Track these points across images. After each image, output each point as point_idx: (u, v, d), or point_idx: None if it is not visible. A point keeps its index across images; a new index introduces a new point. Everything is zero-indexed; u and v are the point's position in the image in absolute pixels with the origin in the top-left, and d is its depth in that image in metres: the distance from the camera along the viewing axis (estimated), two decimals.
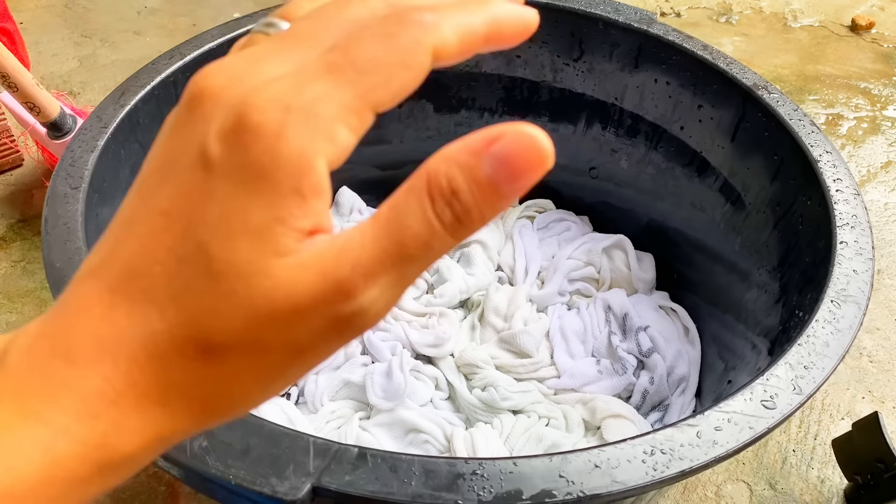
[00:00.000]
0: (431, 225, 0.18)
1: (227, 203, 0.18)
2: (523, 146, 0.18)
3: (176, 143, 0.19)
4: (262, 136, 0.17)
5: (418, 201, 0.18)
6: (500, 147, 0.18)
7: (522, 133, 0.18)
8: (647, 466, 0.38)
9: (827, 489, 0.76)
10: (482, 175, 0.18)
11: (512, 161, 0.18)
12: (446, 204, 0.18)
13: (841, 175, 0.58)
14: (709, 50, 0.71)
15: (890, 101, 1.33)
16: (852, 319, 0.47)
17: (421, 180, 0.18)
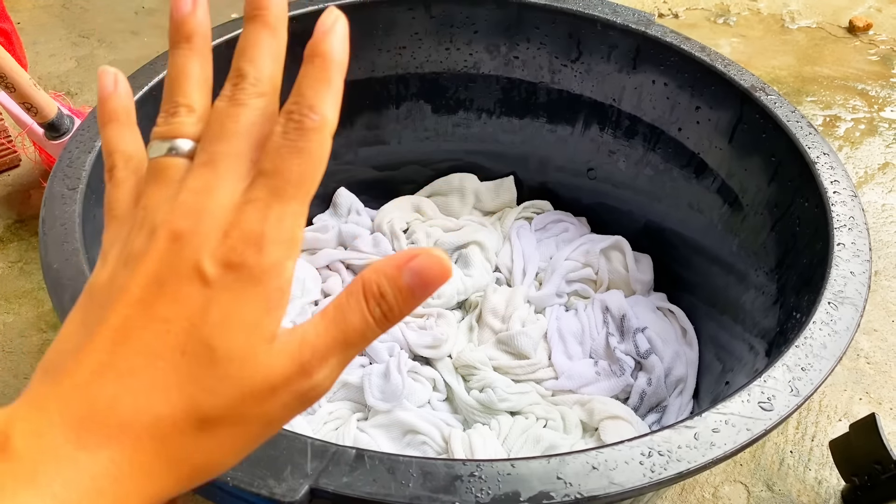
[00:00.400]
0: (366, 320, 0.25)
1: (226, 307, 0.23)
2: (432, 263, 0.25)
3: (162, 267, 0.23)
4: (249, 261, 0.23)
5: (357, 302, 0.25)
6: (416, 263, 0.25)
7: (432, 254, 0.25)
8: (644, 468, 0.38)
9: (824, 490, 0.76)
10: (403, 283, 0.25)
11: (424, 274, 0.25)
12: (377, 304, 0.25)
13: (838, 177, 0.58)
14: (706, 51, 0.71)
15: (887, 102, 1.33)
16: (849, 321, 0.47)
17: (358, 286, 0.25)
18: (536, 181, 0.92)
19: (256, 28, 0.26)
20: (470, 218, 0.91)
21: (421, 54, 0.81)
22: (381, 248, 0.84)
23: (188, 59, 0.27)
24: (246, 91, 0.25)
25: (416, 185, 0.94)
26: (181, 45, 0.27)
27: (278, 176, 0.24)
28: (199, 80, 0.27)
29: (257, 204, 0.24)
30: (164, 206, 0.24)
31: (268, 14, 0.26)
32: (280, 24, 0.27)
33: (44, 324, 0.89)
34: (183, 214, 0.24)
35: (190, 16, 0.27)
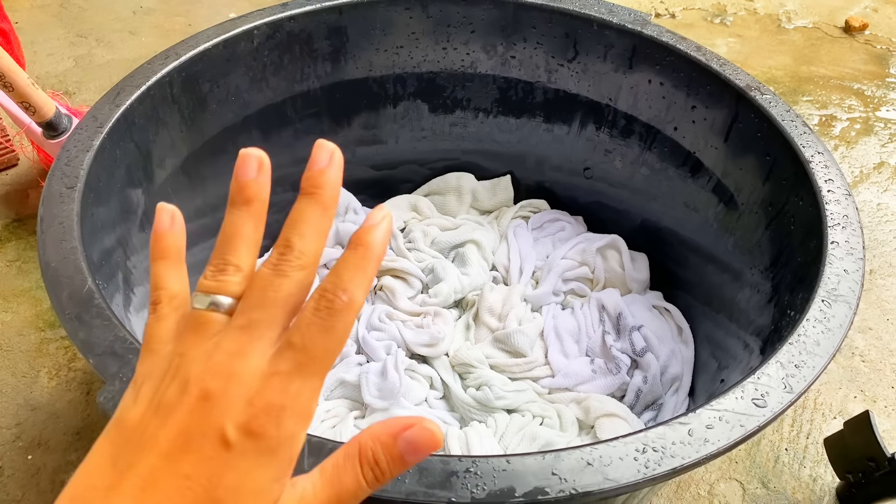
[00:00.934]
0: (359, 482, 0.28)
1: (241, 473, 0.26)
2: (425, 435, 0.27)
3: (190, 424, 0.26)
4: (269, 432, 0.26)
5: (352, 466, 0.28)
6: (410, 434, 0.28)
7: (425, 427, 0.28)
8: (638, 464, 0.38)
9: (819, 488, 0.77)
10: (396, 451, 0.28)
11: (417, 445, 0.28)
12: (370, 469, 0.28)
13: (832, 175, 0.58)
14: (702, 51, 0.71)
15: (883, 102, 1.34)
16: (843, 319, 0.48)
17: (355, 450, 0.28)
18: (533, 180, 0.93)
19: (311, 204, 0.28)
20: (467, 217, 0.91)
21: (418, 54, 0.82)
22: None
23: (245, 221, 0.29)
24: (290, 263, 0.28)
25: (414, 184, 0.94)
26: (241, 206, 0.29)
27: (305, 352, 0.26)
28: (251, 241, 0.29)
29: (282, 377, 0.26)
30: (199, 362, 0.27)
31: (322, 194, 0.28)
32: (332, 203, 0.29)
33: (42, 322, 0.89)
34: (215, 375, 0.26)
35: (254, 182, 0.29)
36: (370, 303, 0.82)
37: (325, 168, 0.28)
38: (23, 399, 0.81)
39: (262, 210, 0.30)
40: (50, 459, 0.76)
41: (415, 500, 0.36)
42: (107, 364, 0.42)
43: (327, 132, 0.84)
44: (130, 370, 0.42)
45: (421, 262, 0.84)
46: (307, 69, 0.78)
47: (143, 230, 0.65)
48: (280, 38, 0.74)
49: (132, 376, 0.28)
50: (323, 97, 0.81)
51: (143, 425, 0.26)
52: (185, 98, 0.69)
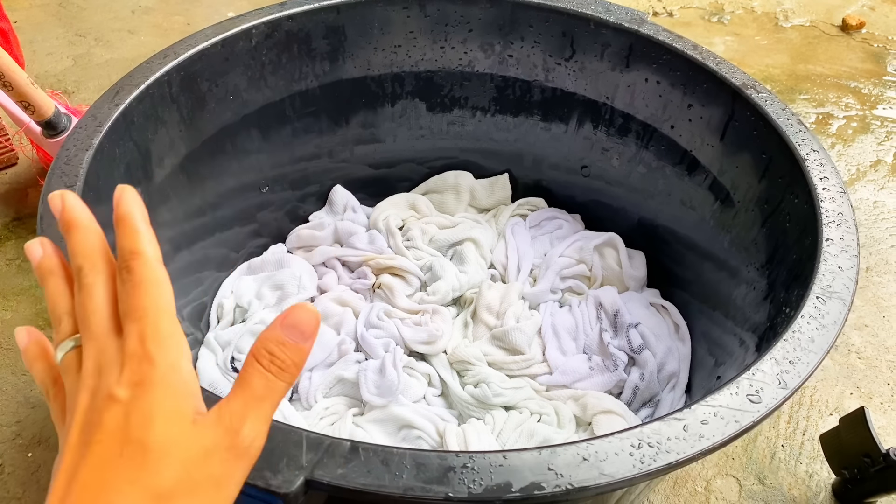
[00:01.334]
0: (266, 376, 0.31)
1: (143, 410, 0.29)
2: (302, 313, 0.32)
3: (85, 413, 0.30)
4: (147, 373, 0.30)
5: (253, 368, 0.31)
6: (289, 318, 0.32)
7: (301, 306, 0.32)
8: (634, 459, 0.39)
9: (815, 483, 0.77)
10: (282, 338, 0.32)
11: (298, 324, 0.32)
12: (270, 362, 0.31)
13: (827, 173, 0.59)
14: (699, 50, 0.72)
15: (879, 100, 1.34)
16: (837, 315, 0.48)
17: (251, 358, 0.32)
18: (531, 179, 0.93)
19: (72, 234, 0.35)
20: (465, 215, 0.92)
21: (416, 53, 0.82)
22: (377, 245, 0.85)
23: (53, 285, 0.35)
24: (86, 275, 0.33)
25: (412, 182, 0.95)
26: (46, 277, 0.35)
27: (135, 310, 0.31)
28: (62, 294, 0.35)
29: (132, 335, 0.30)
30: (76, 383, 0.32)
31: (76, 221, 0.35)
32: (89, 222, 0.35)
33: (41, 321, 0.90)
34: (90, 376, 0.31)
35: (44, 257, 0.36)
36: (369, 301, 0.82)
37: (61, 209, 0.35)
38: (23, 397, 0.81)
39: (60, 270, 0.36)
40: (50, 457, 0.76)
41: (412, 496, 0.36)
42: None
43: (325, 131, 0.84)
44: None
45: (419, 260, 0.85)
46: (305, 68, 0.78)
47: None
48: (278, 38, 0.74)
49: None
50: (321, 96, 0.81)
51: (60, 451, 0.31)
52: (184, 97, 0.69)
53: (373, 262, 0.83)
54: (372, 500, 0.37)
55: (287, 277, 0.80)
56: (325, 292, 0.82)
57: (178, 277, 0.70)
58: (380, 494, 0.36)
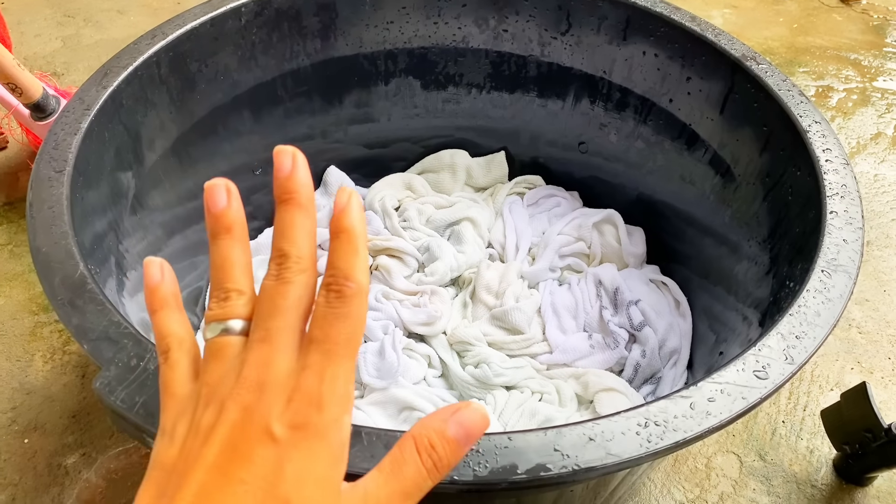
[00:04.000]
0: (420, 471, 0.28)
1: (298, 464, 0.26)
2: (474, 415, 0.29)
3: (234, 434, 0.26)
4: (313, 420, 0.26)
5: (411, 457, 0.28)
6: (460, 415, 0.29)
7: (474, 408, 0.29)
8: (641, 438, 0.38)
9: (816, 459, 0.77)
10: (450, 435, 0.28)
11: (468, 425, 0.29)
12: (428, 456, 0.28)
13: (830, 145, 0.58)
14: (697, 21, 0.70)
15: (880, 72, 1.33)
16: (843, 288, 0.47)
17: (410, 441, 0.28)
18: (528, 156, 0.92)
19: (291, 209, 0.29)
20: (462, 194, 0.91)
21: (409, 29, 0.80)
22: (373, 226, 0.84)
23: (232, 248, 0.30)
24: (291, 269, 0.29)
25: (407, 162, 0.93)
26: (222, 235, 0.30)
27: (328, 341, 0.27)
28: (243, 265, 0.30)
29: (314, 368, 0.27)
30: (228, 381, 0.27)
31: (299, 196, 0.29)
32: (311, 203, 0.30)
33: (35, 306, 0.89)
34: (248, 388, 0.27)
35: (227, 209, 0.30)
36: None
37: (291, 172, 0.30)
38: (18, 383, 0.81)
39: (244, 234, 0.31)
40: (46, 443, 0.75)
41: None
42: (102, 349, 0.42)
43: (318, 111, 0.83)
44: (125, 355, 0.41)
45: (416, 240, 0.84)
46: (296, 47, 0.77)
47: (134, 213, 0.64)
48: (268, 16, 0.73)
49: (134, 359, 0.27)
50: (313, 75, 0.80)
51: (186, 452, 0.27)
52: (174, 78, 0.68)
53: (369, 244, 0.82)
54: None
55: None
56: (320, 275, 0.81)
57: (172, 262, 0.69)
58: None
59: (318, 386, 0.27)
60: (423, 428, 0.29)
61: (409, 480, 0.28)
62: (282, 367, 0.27)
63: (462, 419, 0.29)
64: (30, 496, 0.72)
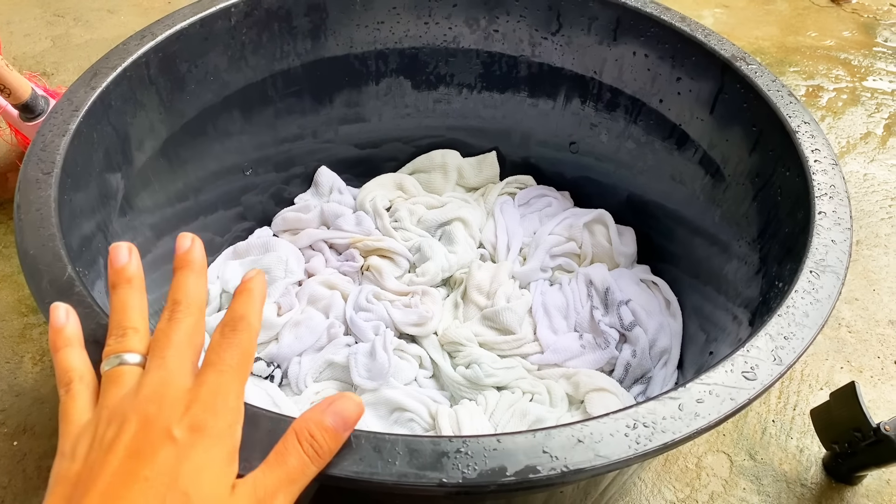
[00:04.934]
0: (302, 459, 0.32)
1: (195, 461, 0.29)
2: (350, 403, 0.34)
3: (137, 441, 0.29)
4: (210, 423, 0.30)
5: (293, 446, 0.32)
6: (336, 406, 0.33)
7: (349, 397, 0.34)
8: (629, 440, 0.38)
9: (805, 458, 0.77)
10: (328, 424, 0.33)
11: (344, 414, 0.33)
12: (309, 445, 0.32)
13: (819, 145, 0.58)
14: (687, 21, 0.70)
15: (869, 71, 1.34)
16: (831, 289, 0.48)
17: (292, 434, 0.32)
18: (519, 156, 0.92)
19: (186, 273, 0.36)
20: (453, 194, 0.91)
21: (399, 29, 0.80)
22: (364, 227, 0.84)
23: (130, 295, 0.36)
24: (181, 312, 0.35)
25: (398, 162, 0.93)
26: (123, 285, 0.36)
27: (222, 363, 0.33)
28: (140, 309, 0.36)
29: (209, 384, 0.32)
30: (128, 399, 0.31)
31: (192, 265, 0.37)
32: (202, 267, 0.37)
33: (24, 307, 0.88)
34: (149, 400, 0.31)
35: (128, 264, 0.37)
36: (357, 283, 0.81)
37: (188, 249, 0.37)
38: (7, 385, 0.80)
39: (141, 284, 0.37)
40: (36, 445, 0.75)
41: (406, 482, 0.36)
42: (90, 352, 0.41)
43: (309, 111, 0.83)
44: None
45: (407, 241, 0.84)
46: (287, 47, 0.76)
47: (123, 215, 0.64)
48: (258, 16, 0.72)
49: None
50: (304, 75, 0.79)
51: (89, 464, 0.29)
52: (163, 79, 0.67)
53: (360, 244, 0.82)
54: (365, 487, 0.36)
55: (273, 261, 0.78)
56: (312, 275, 0.81)
57: (162, 263, 0.69)
58: (372, 482, 0.36)
59: (214, 398, 0.31)
60: (304, 421, 0.33)
61: (293, 468, 0.31)
62: (180, 383, 0.32)
63: (338, 409, 0.33)
64: (19, 499, 0.71)
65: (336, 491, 0.42)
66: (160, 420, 0.30)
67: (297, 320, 0.74)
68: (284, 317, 0.74)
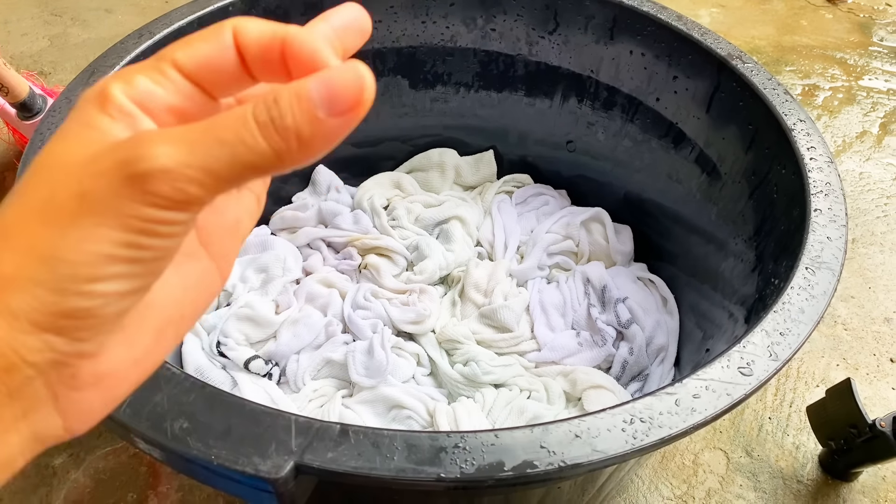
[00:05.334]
0: (247, 121, 0.19)
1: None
2: (351, 75, 0.19)
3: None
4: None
5: (240, 111, 0.19)
6: (329, 73, 0.19)
7: (354, 68, 0.19)
8: (626, 435, 0.38)
9: (802, 455, 0.78)
10: (305, 91, 0.19)
11: (334, 85, 0.19)
12: (266, 108, 0.19)
13: (814, 143, 0.58)
14: (683, 20, 0.71)
15: (865, 71, 1.34)
16: (826, 286, 0.48)
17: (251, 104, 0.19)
18: (516, 155, 0.92)
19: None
20: (450, 193, 0.91)
21: (397, 28, 0.81)
22: (362, 225, 0.84)
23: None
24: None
25: (396, 161, 0.93)
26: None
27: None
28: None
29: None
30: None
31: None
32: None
33: None
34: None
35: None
36: (355, 282, 0.81)
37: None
38: None
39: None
40: None
41: (404, 478, 0.36)
42: None
43: None
44: None
45: (405, 239, 0.84)
46: None
47: None
48: (256, 14, 0.73)
49: None
50: None
51: None
52: None
53: (358, 243, 0.82)
54: (363, 483, 0.36)
55: (271, 260, 0.79)
56: (310, 274, 0.81)
57: None
58: (371, 477, 0.36)
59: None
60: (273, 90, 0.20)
61: (229, 130, 0.19)
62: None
63: (329, 77, 0.19)
64: (18, 497, 0.71)
65: (334, 486, 0.42)
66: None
67: (295, 318, 0.74)
68: (282, 315, 0.74)
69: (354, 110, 0.20)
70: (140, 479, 0.73)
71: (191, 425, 0.38)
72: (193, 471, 0.40)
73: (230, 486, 0.39)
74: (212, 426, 0.38)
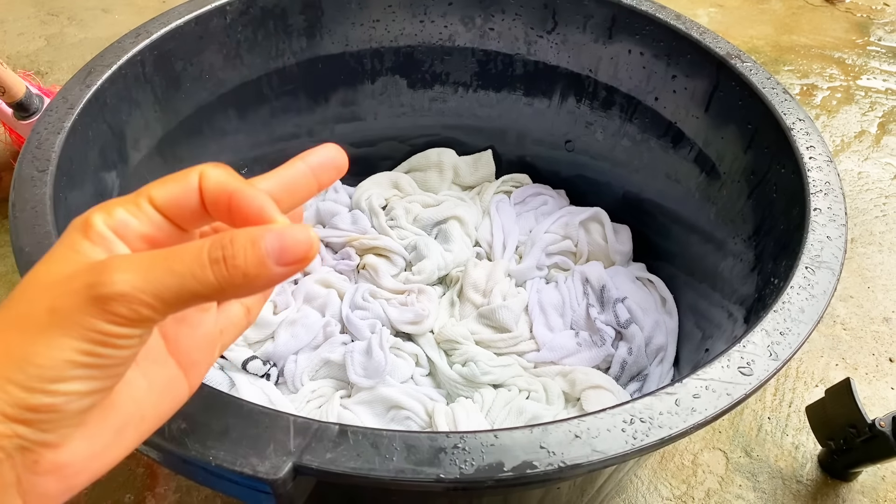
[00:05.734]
0: (200, 255, 0.23)
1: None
2: (301, 235, 0.23)
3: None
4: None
5: (199, 244, 0.23)
6: (283, 228, 0.23)
7: (304, 227, 0.24)
8: (626, 435, 0.38)
9: (801, 455, 0.78)
10: (260, 239, 0.23)
11: (287, 242, 0.23)
12: (221, 247, 0.23)
13: (814, 142, 0.58)
14: (682, 20, 0.71)
15: (863, 70, 1.34)
16: (826, 285, 0.48)
17: (209, 240, 0.23)
18: (515, 155, 0.92)
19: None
20: (449, 193, 0.91)
21: (395, 27, 0.80)
22: (360, 225, 0.84)
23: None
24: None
25: (394, 161, 0.93)
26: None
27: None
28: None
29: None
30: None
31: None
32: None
33: None
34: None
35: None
36: (353, 282, 0.81)
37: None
38: None
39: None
40: None
41: (403, 478, 0.36)
42: None
43: (304, 110, 0.83)
44: None
45: (403, 239, 0.84)
46: (282, 45, 0.76)
47: None
48: (253, 14, 0.72)
49: None
50: (299, 74, 0.79)
51: None
52: (158, 77, 0.67)
53: (356, 243, 0.82)
54: (362, 483, 0.36)
55: None
56: (308, 274, 0.81)
57: None
58: (370, 478, 0.36)
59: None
60: (232, 231, 0.24)
61: (183, 263, 0.23)
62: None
63: (283, 232, 0.23)
64: None
65: (333, 487, 0.42)
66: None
67: (293, 319, 0.74)
68: (280, 315, 0.74)
69: (299, 264, 0.23)
70: (137, 481, 0.73)
71: (188, 426, 0.38)
72: (191, 472, 0.40)
73: (228, 487, 0.39)
74: (210, 427, 0.38)
